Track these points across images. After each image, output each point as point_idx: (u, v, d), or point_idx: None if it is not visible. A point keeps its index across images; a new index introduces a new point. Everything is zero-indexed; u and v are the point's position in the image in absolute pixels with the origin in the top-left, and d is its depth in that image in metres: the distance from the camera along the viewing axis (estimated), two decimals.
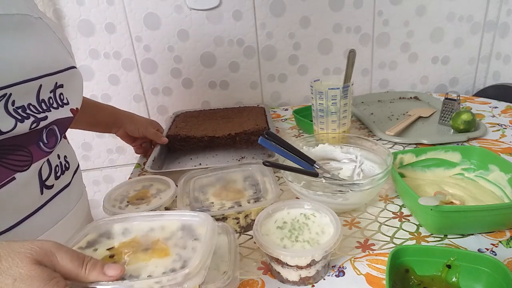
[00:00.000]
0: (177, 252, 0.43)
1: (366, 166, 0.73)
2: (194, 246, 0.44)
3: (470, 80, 1.32)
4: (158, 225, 0.47)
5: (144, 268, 0.40)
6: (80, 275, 0.36)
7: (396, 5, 1.18)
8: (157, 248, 0.44)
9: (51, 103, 0.51)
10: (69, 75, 0.54)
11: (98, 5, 1.10)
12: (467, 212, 0.56)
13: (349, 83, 0.80)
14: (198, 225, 0.47)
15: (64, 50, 0.56)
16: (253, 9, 1.14)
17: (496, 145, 0.84)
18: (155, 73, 1.20)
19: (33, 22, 0.50)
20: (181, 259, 0.42)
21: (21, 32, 0.48)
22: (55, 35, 0.54)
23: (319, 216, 0.55)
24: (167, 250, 0.43)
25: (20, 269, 0.33)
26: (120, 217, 0.48)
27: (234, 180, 0.69)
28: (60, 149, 0.57)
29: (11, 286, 0.32)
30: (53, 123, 0.51)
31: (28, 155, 0.48)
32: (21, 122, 0.45)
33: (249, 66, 1.22)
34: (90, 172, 1.34)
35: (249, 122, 0.97)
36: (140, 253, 0.43)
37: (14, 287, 0.32)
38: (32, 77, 0.47)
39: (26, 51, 0.47)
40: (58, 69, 0.52)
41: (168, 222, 0.48)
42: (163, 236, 0.46)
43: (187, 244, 0.44)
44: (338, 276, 0.52)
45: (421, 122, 1.01)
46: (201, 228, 0.46)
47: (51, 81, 0.50)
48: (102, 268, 0.37)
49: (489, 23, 1.22)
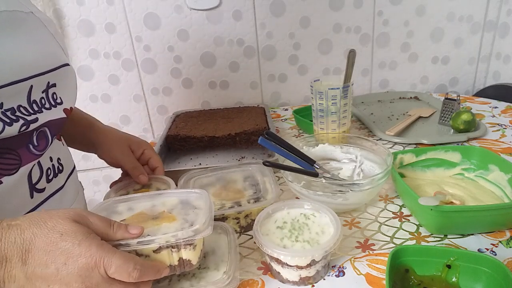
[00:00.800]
0: (183, 217, 0.48)
1: (366, 166, 0.73)
2: (196, 212, 0.49)
3: (470, 80, 1.32)
4: (159, 202, 0.52)
5: (158, 230, 0.46)
6: (109, 233, 0.42)
7: (396, 5, 1.18)
8: (164, 217, 0.49)
9: (43, 103, 0.49)
10: (62, 73, 0.53)
11: (98, 5, 1.10)
12: (467, 212, 0.56)
13: (349, 83, 0.80)
14: (195, 199, 0.52)
15: (57, 46, 0.54)
16: (253, 9, 1.14)
17: (496, 145, 0.84)
18: (155, 73, 1.20)
19: (24, 17, 0.49)
20: (188, 222, 0.47)
21: (9, 30, 0.46)
22: (47, 30, 0.53)
23: (319, 216, 0.55)
24: (173, 217, 0.49)
25: (64, 226, 0.39)
26: (122, 198, 0.53)
27: (234, 180, 0.69)
28: (53, 151, 0.55)
29: (59, 239, 0.38)
30: (44, 125, 0.50)
31: (17, 158, 0.47)
32: (9, 126, 0.44)
33: (249, 66, 1.22)
34: (90, 172, 1.34)
35: (249, 122, 0.97)
36: (150, 221, 0.48)
37: (62, 239, 0.38)
38: (21, 78, 0.45)
39: (15, 51, 0.46)
40: (50, 67, 0.50)
41: (167, 199, 0.53)
42: (167, 209, 0.51)
43: (189, 212, 0.49)
44: (338, 276, 0.52)
45: (421, 122, 1.01)
46: (199, 201, 0.52)
47: (42, 80, 0.49)
48: (126, 228, 0.44)
49: (489, 23, 1.22)
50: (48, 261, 0.38)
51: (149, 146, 0.72)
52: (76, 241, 0.38)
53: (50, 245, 0.38)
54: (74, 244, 0.38)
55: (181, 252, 0.46)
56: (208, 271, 0.51)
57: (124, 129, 1.29)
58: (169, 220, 0.48)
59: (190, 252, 0.46)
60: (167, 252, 0.45)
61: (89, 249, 0.38)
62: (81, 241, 0.39)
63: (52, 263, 0.38)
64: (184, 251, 0.46)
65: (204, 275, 0.50)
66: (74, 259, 0.38)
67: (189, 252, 0.46)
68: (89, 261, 0.38)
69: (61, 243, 0.38)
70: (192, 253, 0.47)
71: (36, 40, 0.50)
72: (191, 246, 0.46)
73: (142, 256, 0.45)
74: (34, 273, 0.38)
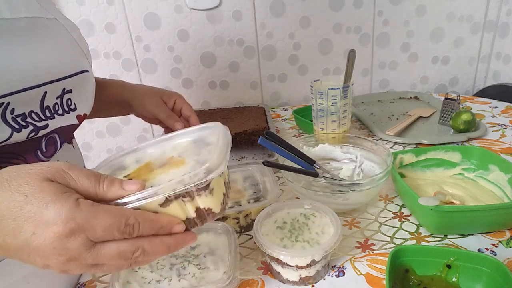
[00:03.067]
0: (193, 159, 0.41)
1: (366, 166, 0.73)
2: (209, 150, 0.42)
3: (470, 80, 1.32)
4: (169, 146, 0.45)
5: (164, 178, 0.38)
6: (98, 191, 0.34)
7: (396, 5, 1.18)
8: (173, 162, 0.42)
9: (56, 109, 0.49)
10: (80, 79, 0.52)
11: (98, 5, 1.10)
12: (467, 212, 0.56)
13: (349, 83, 0.80)
14: (209, 135, 0.45)
15: (79, 52, 0.54)
16: (253, 9, 1.14)
17: (496, 145, 0.84)
18: (155, 73, 1.20)
19: (46, 24, 0.48)
20: (199, 163, 0.40)
21: (28, 37, 0.45)
22: (70, 36, 0.53)
23: (319, 216, 0.55)
24: (182, 160, 0.41)
25: (31, 186, 0.32)
26: (130, 149, 0.46)
27: (234, 180, 0.69)
28: (62, 156, 0.54)
29: (23, 202, 0.31)
30: (54, 131, 0.49)
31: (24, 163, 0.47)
32: (17, 132, 0.43)
33: (249, 66, 1.22)
34: None
35: (249, 122, 0.97)
36: (156, 170, 0.41)
37: (26, 202, 0.31)
38: (35, 85, 0.44)
39: (30, 57, 0.45)
40: (68, 73, 0.50)
41: (179, 141, 0.45)
42: (176, 153, 0.43)
43: (201, 152, 0.42)
44: (338, 276, 0.52)
45: (421, 122, 1.00)
46: (212, 136, 0.44)
47: (58, 86, 0.48)
48: (121, 184, 0.35)
49: (489, 23, 1.22)
50: (16, 230, 0.31)
51: (180, 96, 0.73)
52: (43, 204, 0.31)
53: (14, 210, 0.31)
54: (40, 208, 0.31)
55: (196, 200, 0.38)
56: (208, 271, 0.51)
57: (124, 129, 1.29)
58: (177, 165, 0.40)
59: (207, 199, 0.38)
60: (178, 203, 0.37)
61: (59, 213, 0.31)
62: (49, 203, 0.31)
63: (20, 232, 0.31)
64: (199, 199, 0.38)
65: (204, 275, 0.50)
66: (43, 227, 0.31)
67: (206, 199, 0.38)
68: (61, 229, 0.31)
69: (25, 207, 0.31)
70: (210, 199, 0.38)
71: (56, 46, 0.49)
72: (207, 191, 0.38)
73: None
74: (7, 244, 0.32)
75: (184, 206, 0.38)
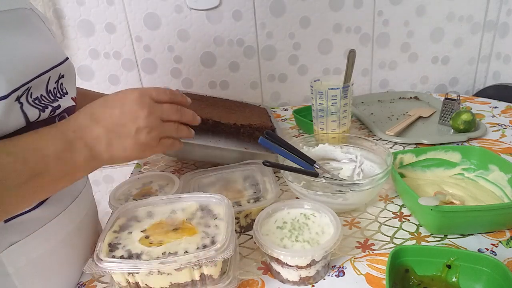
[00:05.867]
0: (203, 230, 0.50)
1: (366, 166, 0.73)
2: (216, 224, 0.51)
3: (470, 80, 1.32)
4: (178, 207, 0.54)
5: (179, 245, 0.47)
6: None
7: (396, 5, 1.18)
8: (185, 228, 0.50)
9: (55, 93, 0.52)
10: (68, 65, 0.56)
11: (98, 5, 1.10)
12: (467, 212, 0.56)
13: (349, 83, 0.80)
14: (215, 205, 0.54)
15: (56, 41, 0.57)
16: (253, 9, 1.14)
17: (496, 145, 0.84)
18: (155, 73, 1.20)
19: (28, 14, 0.51)
20: (208, 236, 0.48)
21: (22, 28, 0.48)
22: (45, 26, 0.55)
23: (319, 216, 0.55)
24: (194, 229, 0.50)
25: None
26: (143, 202, 0.56)
27: (234, 180, 0.69)
28: None
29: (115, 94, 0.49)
30: (65, 111, 0.53)
31: None
32: (43, 112, 0.48)
33: (249, 66, 1.22)
34: None
35: (253, 118, 0.95)
36: (171, 233, 0.50)
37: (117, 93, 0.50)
38: (45, 70, 0.49)
39: (35, 45, 0.49)
40: (60, 60, 0.53)
41: (187, 204, 0.55)
42: (186, 217, 0.52)
43: (209, 223, 0.51)
44: (338, 276, 0.52)
45: (421, 122, 1.00)
46: (218, 207, 0.54)
47: (56, 72, 0.52)
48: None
49: (489, 23, 1.22)
50: (111, 109, 0.47)
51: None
52: (130, 90, 0.49)
53: (107, 100, 0.48)
54: (128, 90, 0.49)
55: (203, 268, 0.47)
56: None
57: None
58: (190, 233, 0.49)
59: (211, 268, 0.47)
60: (189, 269, 0.46)
61: (136, 90, 0.49)
62: (134, 89, 0.49)
63: (115, 108, 0.47)
64: (205, 268, 0.47)
65: None
66: (129, 96, 0.48)
67: (211, 269, 0.47)
68: (137, 93, 0.49)
69: (118, 94, 0.49)
70: (213, 269, 0.47)
71: (44, 36, 0.52)
72: (213, 263, 0.47)
73: (164, 274, 0.46)
74: (108, 123, 0.46)
75: (192, 272, 0.47)
